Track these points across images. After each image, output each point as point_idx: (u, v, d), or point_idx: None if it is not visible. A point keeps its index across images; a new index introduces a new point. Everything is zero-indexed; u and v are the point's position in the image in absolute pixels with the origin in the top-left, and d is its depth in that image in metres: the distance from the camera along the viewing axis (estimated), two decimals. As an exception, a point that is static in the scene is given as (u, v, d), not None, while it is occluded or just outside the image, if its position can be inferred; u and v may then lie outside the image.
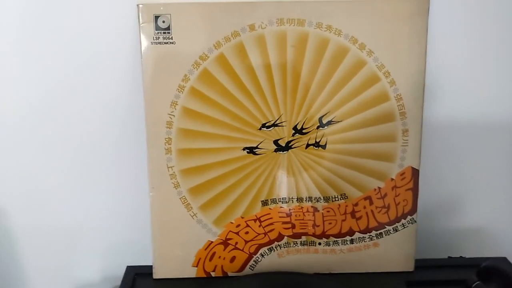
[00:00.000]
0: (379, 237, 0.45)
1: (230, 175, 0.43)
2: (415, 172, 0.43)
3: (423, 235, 0.48)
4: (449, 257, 0.48)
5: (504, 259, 0.46)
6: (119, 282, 0.46)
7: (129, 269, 0.47)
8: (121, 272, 0.47)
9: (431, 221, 0.50)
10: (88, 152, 0.47)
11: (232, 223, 0.44)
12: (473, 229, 0.52)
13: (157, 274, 0.45)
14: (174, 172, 0.43)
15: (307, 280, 0.43)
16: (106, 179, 0.48)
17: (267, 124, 0.42)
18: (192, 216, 0.44)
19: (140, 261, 0.48)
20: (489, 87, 0.48)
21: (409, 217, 0.44)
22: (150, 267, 0.46)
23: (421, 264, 0.46)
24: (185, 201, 0.43)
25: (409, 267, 0.45)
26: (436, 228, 0.51)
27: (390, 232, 0.44)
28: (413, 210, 0.44)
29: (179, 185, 0.43)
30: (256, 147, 0.42)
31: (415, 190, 0.44)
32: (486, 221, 0.52)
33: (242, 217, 0.44)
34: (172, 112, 0.42)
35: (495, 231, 0.52)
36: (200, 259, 0.45)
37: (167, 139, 0.42)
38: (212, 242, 0.44)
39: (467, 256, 0.48)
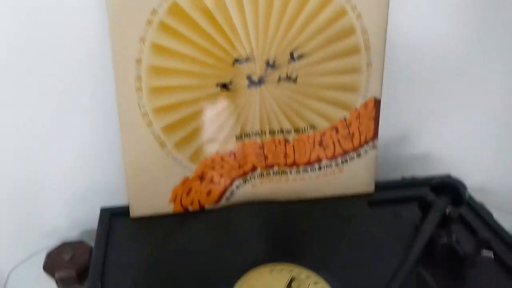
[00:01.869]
0: (343, 163, 0.48)
1: (205, 112, 0.43)
2: (377, 103, 0.47)
3: (380, 160, 0.53)
4: (402, 178, 0.53)
5: (449, 176, 0.52)
6: (93, 226, 0.46)
7: (104, 210, 0.47)
8: (95, 215, 0.47)
9: (387, 147, 0.55)
10: (56, 94, 0.45)
11: (207, 159, 0.45)
12: (422, 153, 0.58)
13: (134, 213, 0.46)
14: (146, 111, 0.42)
15: (279, 207, 0.47)
16: (76, 121, 0.47)
17: (239, 59, 0.42)
18: (167, 154, 0.44)
19: (114, 203, 0.48)
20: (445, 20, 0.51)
21: (370, 143, 0.48)
22: (126, 207, 0.46)
23: (380, 186, 0.51)
24: (159, 139, 0.44)
25: (370, 188, 0.50)
26: (391, 153, 0.56)
27: (353, 158, 0.48)
28: (374, 136, 0.48)
29: (152, 124, 0.43)
30: (230, 83, 0.43)
31: (376, 119, 0.47)
32: (434, 146, 0.57)
33: (217, 153, 0.45)
34: (141, 49, 0.40)
35: (441, 154, 0.58)
36: (176, 195, 0.46)
37: (137, 77, 0.41)
38: (188, 178, 0.45)
39: (418, 177, 0.53)
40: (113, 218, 0.46)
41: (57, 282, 0.47)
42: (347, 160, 0.48)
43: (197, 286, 0.37)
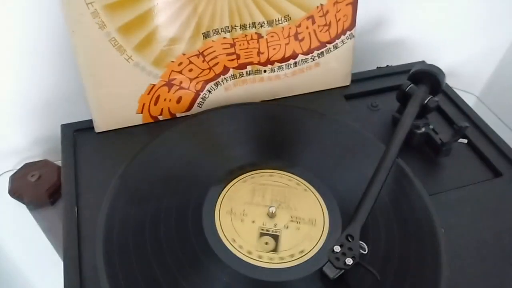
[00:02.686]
0: (320, 56, 0.45)
1: (165, 7, 0.38)
2: (356, -15, 0.42)
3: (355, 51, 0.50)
4: (377, 67, 0.51)
5: (423, 62, 0.51)
6: (56, 144, 0.42)
7: (65, 127, 0.43)
8: (57, 132, 0.42)
9: (361, 36, 0.52)
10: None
11: (173, 62, 0.41)
12: (395, 40, 0.56)
13: (99, 128, 0.42)
14: (95, 9, 0.36)
15: (255, 109, 0.44)
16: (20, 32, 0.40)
17: None
18: (127, 60, 0.39)
19: (76, 119, 0.43)
20: None
21: (348, 33, 0.45)
22: (89, 121, 0.42)
23: (355, 78, 0.49)
24: (116, 43, 0.38)
25: (346, 81, 0.48)
26: (365, 42, 0.53)
27: (330, 50, 0.45)
28: (352, 25, 0.45)
29: (105, 25, 0.37)
30: (191, -29, 0.37)
31: (354, 5, 0.43)
32: (407, 32, 0.55)
33: (184, 54, 0.41)
34: None
35: (414, 40, 0.56)
36: (144, 104, 0.42)
37: (79, -31, 0.34)
38: (154, 85, 0.41)
39: (393, 66, 0.52)
40: (77, 134, 0.43)
41: (27, 205, 0.45)
42: (323, 53, 0.45)
43: (176, 198, 0.35)
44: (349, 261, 0.29)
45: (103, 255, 0.31)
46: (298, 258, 0.32)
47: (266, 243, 0.33)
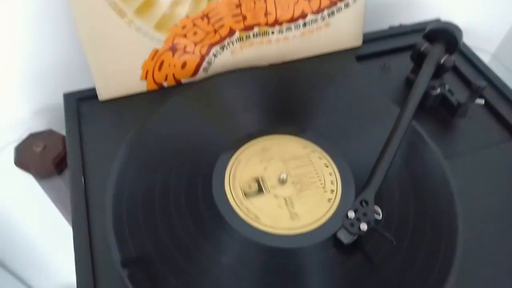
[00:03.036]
0: (330, 16, 0.43)
1: (166, -34, 0.36)
2: None
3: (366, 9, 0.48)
4: (390, 26, 0.49)
5: (438, 20, 0.48)
6: (59, 113, 0.41)
7: (68, 96, 0.42)
8: (59, 102, 0.41)
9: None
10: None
11: (176, 25, 0.39)
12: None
13: (103, 95, 0.41)
14: (93, -29, 0.34)
15: (263, 73, 0.43)
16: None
17: None
18: (128, 24, 0.38)
19: (80, 87, 0.42)
20: None
21: (360, -10, 0.42)
22: (93, 90, 0.41)
23: (366, 38, 0.47)
24: (116, 6, 0.36)
25: (358, 42, 0.46)
26: (376, 0, 0.50)
27: (341, 9, 0.43)
28: (364, -20, 0.42)
29: (104, -13, 0.35)
30: None
31: (366, -41, 0.41)
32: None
33: (187, 17, 0.39)
34: None
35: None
36: (148, 70, 0.41)
37: None
38: (158, 50, 0.40)
39: (406, 24, 0.49)
40: (81, 103, 0.41)
41: (34, 176, 0.45)
42: (334, 13, 0.43)
43: (184, 165, 0.34)
44: (364, 226, 0.29)
45: (113, 224, 0.31)
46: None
47: (250, 186, 0.33)
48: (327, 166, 0.35)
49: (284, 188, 0.33)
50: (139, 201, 0.32)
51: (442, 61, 0.40)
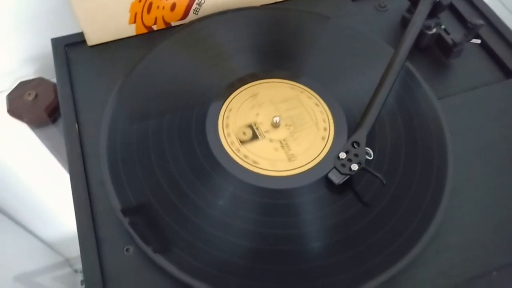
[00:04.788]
0: (324, -48, 0.41)
1: None
2: None
3: None
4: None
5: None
6: (48, 61, 0.40)
7: (56, 41, 0.41)
8: (44, 49, 0.40)
9: None
10: None
11: (164, -36, 0.37)
12: None
13: (92, 41, 0.40)
14: None
15: (255, 13, 0.41)
16: None
17: None
18: (113, -36, 0.36)
19: (68, 32, 0.41)
20: None
21: None
22: (79, 35, 0.40)
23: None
24: None
25: (353, -20, 0.44)
26: None
27: None
28: None
29: None
30: None
31: None
32: None
33: (175, -46, 0.37)
34: None
35: None
36: (136, 13, 0.39)
37: None
38: (145, -9, 0.38)
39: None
40: (69, 48, 0.41)
41: (28, 125, 0.44)
42: None
43: (177, 110, 0.34)
44: (355, 166, 0.29)
45: (109, 170, 0.31)
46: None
47: (244, 133, 0.33)
48: (317, 105, 0.35)
49: (278, 131, 0.34)
50: (134, 147, 0.33)
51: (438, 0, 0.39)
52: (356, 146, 0.30)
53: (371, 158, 0.30)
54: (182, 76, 0.37)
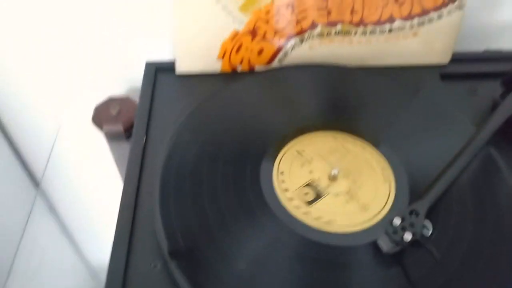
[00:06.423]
0: (420, 25, 0.41)
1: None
2: None
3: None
4: (485, 50, 0.46)
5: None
6: (136, 83, 0.43)
7: (149, 65, 0.44)
8: (137, 71, 0.44)
9: (472, 10, 0.46)
10: None
11: (261, 9, 0.39)
12: (510, 22, 0.49)
13: (180, 68, 0.43)
14: None
15: (338, 72, 0.42)
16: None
17: None
18: (216, 2, 0.39)
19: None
20: None
21: (457, 2, 0.40)
22: (172, 63, 0.43)
23: (455, 57, 0.44)
24: (208, -17, 0.38)
25: (445, 59, 0.43)
26: (474, 18, 0.47)
27: (433, 20, 0.41)
28: (463, -7, 0.40)
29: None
30: None
31: (470, -30, 0.39)
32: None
33: (273, 2, 0.39)
34: None
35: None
36: (226, 51, 0.42)
37: None
38: (238, 32, 0.41)
39: (504, 50, 0.45)
40: (159, 73, 0.44)
41: (105, 136, 0.48)
42: (424, 22, 0.41)
43: (236, 146, 0.35)
44: (408, 236, 0.26)
45: (159, 193, 0.31)
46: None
47: (306, 194, 0.31)
48: (383, 178, 0.33)
49: (339, 183, 0.32)
50: (187, 172, 0.33)
51: (538, 90, 0.36)
52: (414, 216, 0.27)
53: (429, 233, 0.27)
54: (253, 115, 0.37)
